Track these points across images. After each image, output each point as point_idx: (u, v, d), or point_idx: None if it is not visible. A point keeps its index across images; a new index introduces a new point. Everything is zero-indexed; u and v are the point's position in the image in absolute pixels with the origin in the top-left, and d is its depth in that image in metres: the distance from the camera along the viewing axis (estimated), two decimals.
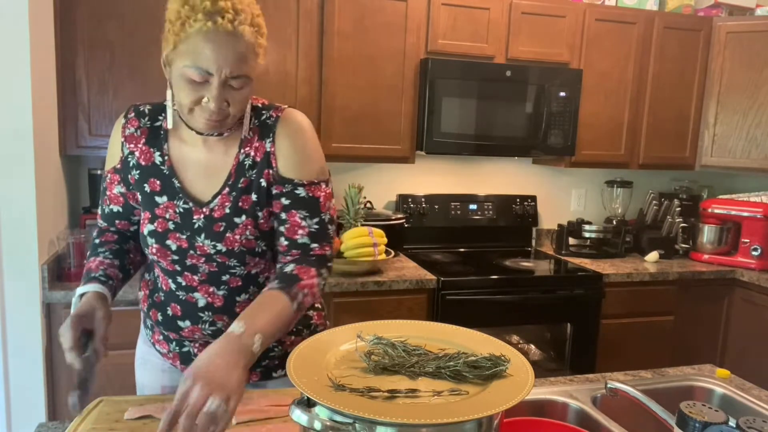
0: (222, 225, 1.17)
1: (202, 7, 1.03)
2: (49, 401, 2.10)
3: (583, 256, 3.07)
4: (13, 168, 1.96)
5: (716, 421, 0.86)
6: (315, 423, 0.73)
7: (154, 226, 1.19)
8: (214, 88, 1.06)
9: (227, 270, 1.20)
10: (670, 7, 3.12)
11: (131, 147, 1.22)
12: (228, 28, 1.03)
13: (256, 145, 1.19)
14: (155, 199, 1.19)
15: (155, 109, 1.25)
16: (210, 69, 1.04)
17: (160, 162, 1.20)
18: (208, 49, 1.03)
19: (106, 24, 2.26)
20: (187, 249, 1.18)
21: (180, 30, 1.05)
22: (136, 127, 1.23)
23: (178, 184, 1.19)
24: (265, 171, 1.18)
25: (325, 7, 2.49)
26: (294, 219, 1.18)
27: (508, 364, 0.87)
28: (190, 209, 1.18)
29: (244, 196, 1.18)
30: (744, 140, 3.02)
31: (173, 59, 1.09)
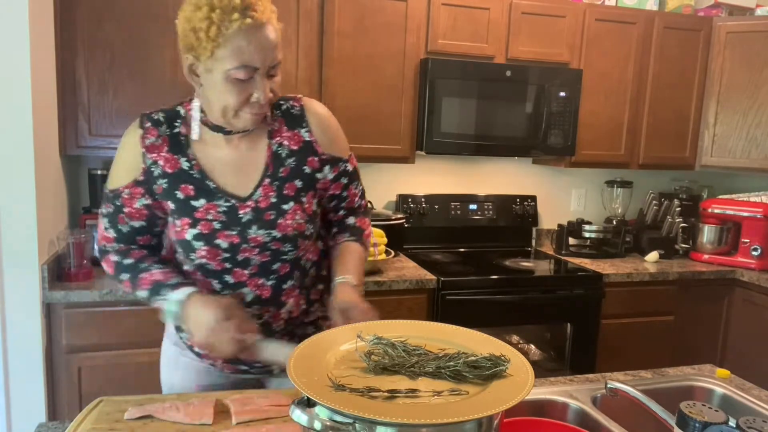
0: (272, 213, 1.21)
1: (232, 7, 1.06)
2: (49, 401, 2.10)
3: (583, 256, 3.07)
4: (13, 168, 1.96)
5: (716, 421, 0.86)
6: (315, 423, 0.74)
7: (198, 229, 1.20)
8: (260, 81, 1.11)
9: (279, 257, 1.24)
10: (670, 7, 3.12)
11: (153, 156, 1.21)
12: (262, 19, 1.08)
13: (288, 135, 1.25)
14: (192, 203, 1.20)
15: (169, 116, 1.24)
16: (255, 64, 1.08)
17: (188, 167, 1.21)
18: (252, 44, 1.07)
19: (106, 24, 2.26)
20: (240, 243, 1.20)
21: (217, 35, 1.06)
22: (156, 136, 1.22)
23: (213, 185, 1.21)
24: (309, 158, 1.25)
25: (325, 7, 2.49)
26: (352, 192, 1.36)
27: (508, 364, 0.87)
28: (233, 206, 1.21)
29: (287, 184, 1.23)
30: (744, 140, 3.02)
31: (211, 67, 1.09)
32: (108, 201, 1.25)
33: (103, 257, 1.28)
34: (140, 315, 2.15)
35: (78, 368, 2.12)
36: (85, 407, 1.11)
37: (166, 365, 1.40)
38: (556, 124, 2.80)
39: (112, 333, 2.13)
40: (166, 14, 2.31)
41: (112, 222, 1.25)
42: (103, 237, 1.28)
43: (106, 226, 1.26)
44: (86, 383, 2.13)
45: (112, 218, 1.25)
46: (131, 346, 2.17)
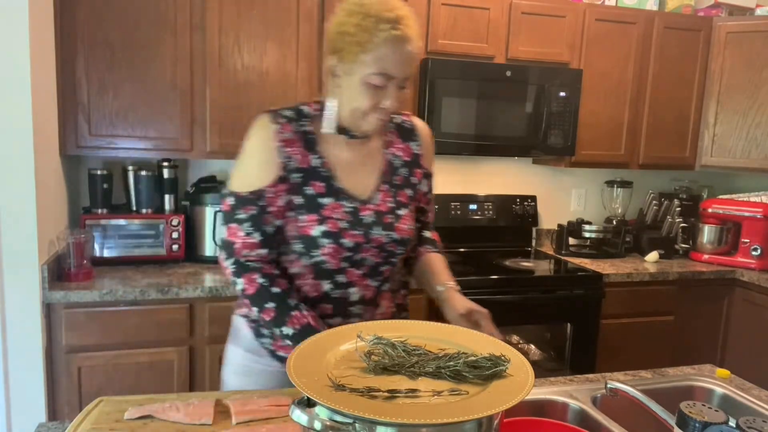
0: (390, 217, 1.29)
1: (385, 18, 1.14)
2: (49, 401, 2.10)
3: (583, 256, 3.07)
4: (13, 168, 1.96)
5: (716, 421, 0.86)
6: (315, 423, 0.73)
7: (326, 227, 1.22)
8: (393, 90, 1.19)
9: (389, 259, 1.30)
10: (670, 7, 3.12)
11: (288, 151, 1.23)
12: (409, 33, 1.16)
13: (401, 147, 1.36)
14: (319, 201, 1.23)
15: (296, 114, 1.28)
16: (393, 73, 1.16)
17: (318, 164, 1.25)
18: (397, 54, 1.15)
19: (106, 24, 2.26)
20: (363, 243, 1.25)
21: (366, 41, 1.14)
22: (291, 131, 1.24)
23: (339, 185, 1.26)
24: (416, 170, 1.36)
25: (325, 7, 2.49)
26: (431, 206, 1.46)
27: (508, 364, 0.87)
28: (356, 207, 1.26)
29: (401, 191, 1.32)
30: (744, 140, 3.02)
31: (353, 69, 1.17)
32: (248, 203, 1.21)
33: (243, 273, 1.22)
34: (140, 315, 2.15)
35: (78, 368, 2.12)
36: (85, 407, 1.11)
37: (235, 373, 1.37)
38: (556, 124, 2.80)
39: (112, 333, 2.14)
40: (166, 14, 2.31)
41: (256, 225, 1.22)
42: (245, 244, 1.22)
43: (249, 231, 1.22)
44: (86, 383, 2.13)
45: (257, 221, 1.21)
46: (131, 346, 2.17)
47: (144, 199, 2.48)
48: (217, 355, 2.26)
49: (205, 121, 2.42)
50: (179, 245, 2.48)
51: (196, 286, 2.20)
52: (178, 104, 2.37)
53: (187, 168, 2.77)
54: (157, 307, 2.17)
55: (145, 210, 2.49)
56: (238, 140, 2.50)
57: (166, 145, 2.39)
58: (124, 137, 2.34)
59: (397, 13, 1.15)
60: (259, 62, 2.44)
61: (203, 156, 2.46)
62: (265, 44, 2.44)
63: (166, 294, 2.16)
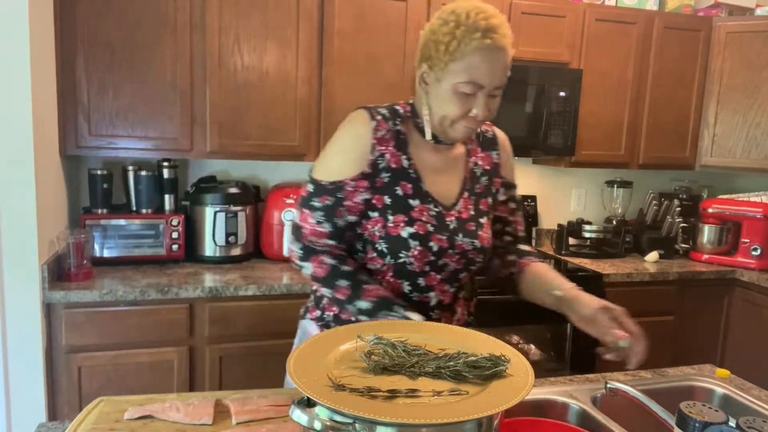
0: (473, 225, 1.29)
1: (476, 26, 1.13)
2: (49, 401, 2.10)
3: (583, 256, 3.07)
4: (13, 168, 1.96)
5: (716, 421, 0.86)
6: (315, 423, 0.73)
7: (414, 228, 1.22)
8: (482, 99, 1.18)
9: (468, 266, 1.30)
10: (670, 7, 3.12)
11: (382, 149, 1.23)
12: (501, 42, 1.15)
13: (482, 156, 1.36)
14: (409, 202, 1.24)
15: (391, 113, 1.27)
16: (483, 82, 1.15)
17: (407, 165, 1.25)
18: (485, 63, 1.14)
19: (106, 24, 2.26)
20: (447, 248, 1.25)
21: (456, 50, 1.14)
22: (386, 129, 1.24)
23: (426, 189, 1.26)
24: (496, 179, 1.37)
25: (325, 7, 2.49)
26: (517, 218, 1.44)
27: (508, 364, 0.87)
28: (441, 212, 1.26)
29: (482, 200, 1.33)
30: (744, 140, 3.02)
31: (442, 77, 1.18)
32: (325, 193, 1.22)
33: (311, 256, 1.25)
34: (140, 315, 2.15)
35: (78, 368, 2.12)
36: (85, 407, 1.11)
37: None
38: (556, 124, 2.80)
39: (112, 333, 2.13)
40: (166, 14, 2.31)
41: (328, 215, 1.23)
42: (313, 232, 1.24)
43: (320, 219, 1.23)
44: (86, 383, 2.13)
45: (329, 211, 1.22)
46: (131, 346, 2.17)
47: (144, 199, 2.48)
48: (217, 355, 2.26)
49: (205, 121, 2.42)
50: (179, 245, 2.48)
51: (196, 286, 2.20)
52: (178, 104, 2.38)
53: (187, 168, 2.77)
54: (157, 307, 2.17)
55: (145, 210, 2.49)
56: (238, 140, 2.52)
57: (166, 145, 2.39)
58: (124, 137, 2.34)
59: (490, 22, 1.14)
60: (259, 62, 2.44)
61: (203, 156, 2.46)
62: (265, 44, 2.44)
63: (166, 294, 2.16)
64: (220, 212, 2.50)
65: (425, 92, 1.23)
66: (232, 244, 2.54)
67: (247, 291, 2.24)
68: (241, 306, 2.26)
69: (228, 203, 2.52)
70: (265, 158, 2.55)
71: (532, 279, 1.36)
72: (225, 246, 2.53)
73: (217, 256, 2.54)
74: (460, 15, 1.15)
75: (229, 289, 2.22)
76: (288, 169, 2.89)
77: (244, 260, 2.61)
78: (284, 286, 2.28)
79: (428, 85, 1.22)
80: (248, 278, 2.33)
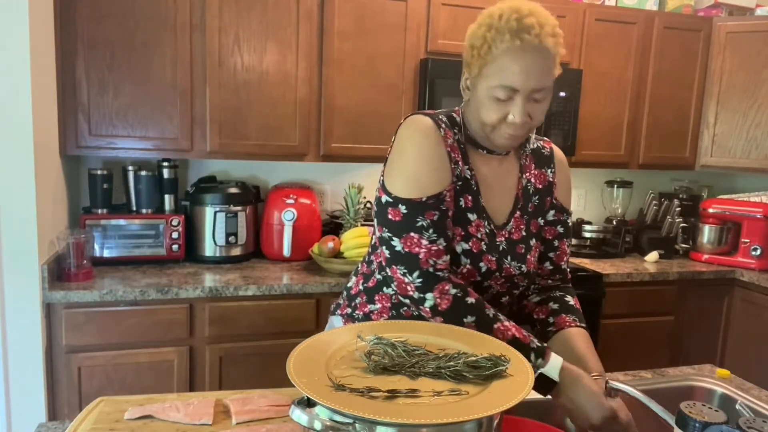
0: (522, 247, 1.22)
1: (507, 28, 1.07)
2: (49, 401, 2.10)
3: (583, 256, 3.07)
4: (13, 168, 1.96)
5: (716, 421, 0.86)
6: (315, 423, 0.73)
7: (468, 245, 1.15)
8: (519, 103, 1.09)
9: (511, 290, 1.24)
10: (670, 7, 3.12)
11: (454, 157, 1.17)
12: (534, 42, 1.07)
13: (536, 173, 1.27)
14: (468, 215, 1.17)
15: (451, 121, 1.21)
16: (516, 85, 1.08)
17: (469, 176, 1.18)
18: (516, 65, 1.07)
19: (106, 24, 2.26)
20: (495, 271, 1.18)
21: (486, 53, 1.09)
22: (452, 137, 1.18)
23: (482, 203, 1.19)
24: (548, 198, 1.28)
25: (325, 7, 2.49)
26: (563, 247, 1.31)
27: (508, 364, 0.87)
28: (493, 231, 1.20)
29: (533, 220, 1.25)
30: (744, 140, 3.02)
31: (478, 82, 1.13)
32: (429, 209, 1.12)
33: (433, 285, 1.11)
34: (140, 315, 2.15)
35: (78, 368, 2.12)
36: (85, 407, 1.11)
37: None
38: (556, 124, 2.80)
39: (112, 333, 2.14)
40: (166, 14, 2.31)
41: (439, 231, 1.12)
42: (431, 253, 1.11)
43: (433, 238, 1.11)
44: (86, 383, 2.13)
45: (439, 226, 1.12)
46: (131, 346, 2.17)
47: (144, 199, 2.48)
48: (217, 355, 2.26)
49: (205, 121, 2.42)
50: (179, 245, 2.48)
51: (196, 286, 2.20)
52: (178, 104, 2.38)
53: (187, 168, 2.77)
54: (157, 307, 2.17)
55: (145, 210, 2.49)
56: (238, 140, 2.52)
57: (166, 145, 2.39)
58: (124, 137, 2.34)
59: (525, 22, 1.07)
60: (259, 62, 2.44)
61: (203, 156, 2.46)
62: (265, 44, 2.44)
63: (166, 294, 2.16)
64: (220, 212, 2.51)
65: (467, 98, 1.19)
66: (232, 244, 2.54)
67: (247, 291, 2.24)
68: (241, 306, 2.26)
69: (228, 203, 2.52)
70: (265, 158, 2.55)
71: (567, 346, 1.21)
72: (225, 246, 2.53)
73: (217, 256, 2.54)
74: (493, 17, 1.10)
75: (229, 289, 2.22)
76: (288, 169, 2.89)
77: (244, 260, 2.61)
78: (284, 286, 2.28)
79: (469, 91, 1.17)
80: (248, 278, 2.33)
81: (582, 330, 1.24)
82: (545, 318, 1.28)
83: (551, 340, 1.26)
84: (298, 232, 2.61)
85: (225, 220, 2.51)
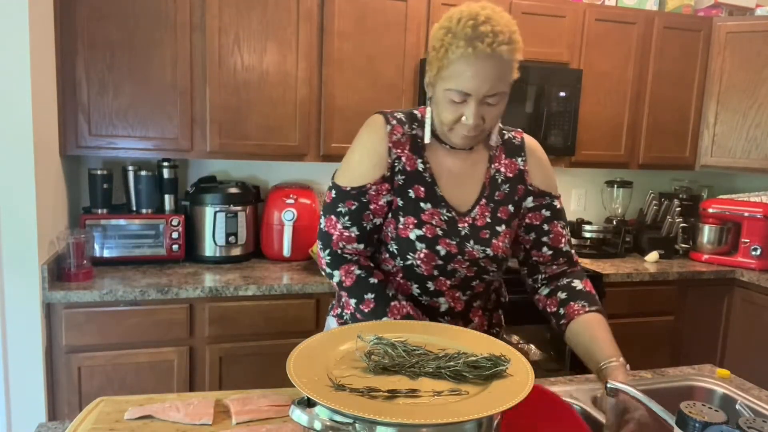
0: (487, 233, 1.26)
1: (463, 34, 1.11)
2: (49, 401, 2.10)
3: (583, 256, 3.06)
4: (13, 168, 1.96)
5: (716, 421, 0.86)
6: (315, 423, 0.73)
7: (422, 231, 1.22)
8: (472, 106, 1.15)
9: (481, 275, 1.28)
10: (670, 7, 3.12)
11: (398, 152, 1.25)
12: (486, 51, 1.10)
13: (506, 162, 1.32)
14: (420, 205, 1.24)
15: (407, 118, 1.29)
16: (468, 90, 1.13)
17: (422, 169, 1.26)
18: (469, 72, 1.11)
19: (106, 24, 2.26)
20: (456, 254, 1.23)
21: (443, 56, 1.14)
22: (401, 133, 1.26)
23: (440, 193, 1.26)
24: (519, 186, 1.31)
25: (325, 7, 2.49)
26: (557, 229, 1.33)
27: (508, 364, 0.87)
28: (453, 218, 1.25)
29: (501, 207, 1.29)
30: (744, 140, 3.02)
31: (436, 82, 1.18)
32: (350, 198, 1.24)
33: (341, 264, 1.25)
34: (140, 315, 2.15)
35: (78, 368, 2.12)
36: (85, 407, 1.11)
37: None
38: (556, 124, 2.80)
39: (112, 333, 2.13)
40: (166, 14, 2.31)
41: (354, 220, 1.24)
42: (342, 237, 1.24)
43: (347, 224, 1.24)
44: (86, 383, 2.13)
45: (356, 216, 1.24)
46: (131, 346, 2.17)
47: (144, 199, 2.48)
48: (217, 354, 2.26)
49: (205, 121, 2.42)
50: (179, 245, 2.48)
51: (196, 286, 2.20)
52: (178, 104, 2.38)
53: (187, 168, 2.77)
54: (157, 307, 2.17)
55: (145, 210, 2.49)
56: (238, 140, 2.52)
57: (166, 145, 2.39)
58: (124, 137, 2.34)
59: (480, 30, 1.10)
60: (259, 62, 2.44)
61: (203, 156, 2.46)
62: (265, 44, 2.44)
63: (166, 294, 2.16)
64: (220, 212, 2.51)
65: (430, 96, 1.24)
66: (232, 244, 2.54)
67: (247, 291, 2.24)
68: (241, 306, 2.26)
69: (228, 203, 2.52)
70: (265, 158, 2.55)
71: (579, 336, 1.23)
72: (225, 246, 2.53)
73: (217, 256, 2.54)
74: (452, 20, 1.14)
75: (229, 289, 2.22)
76: (288, 169, 2.89)
77: (244, 260, 2.61)
78: (284, 286, 2.28)
79: (430, 89, 1.22)
80: (248, 278, 2.33)
81: (593, 315, 1.25)
82: (556, 311, 1.31)
83: (567, 335, 1.27)
84: (298, 232, 2.61)
85: (225, 220, 2.51)
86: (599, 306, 1.28)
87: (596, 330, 1.21)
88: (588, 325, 1.23)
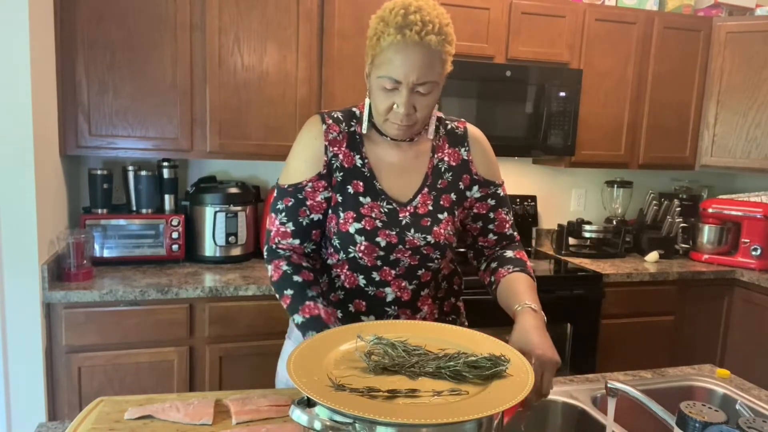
0: (428, 220, 1.29)
1: (394, 23, 1.15)
2: (49, 401, 2.10)
3: (583, 256, 3.07)
4: (13, 168, 1.96)
5: (716, 421, 0.86)
6: (315, 423, 0.73)
7: (361, 224, 1.25)
8: (403, 94, 1.18)
9: (426, 263, 1.29)
10: (670, 7, 3.12)
11: (335, 150, 1.28)
12: (415, 39, 1.14)
13: (449, 152, 1.34)
14: (359, 199, 1.27)
15: (345, 116, 1.32)
16: (398, 77, 1.16)
17: (360, 165, 1.29)
18: (398, 59, 1.15)
19: (106, 24, 2.26)
20: (397, 244, 1.26)
21: (376, 44, 1.18)
22: (338, 132, 1.29)
23: (379, 186, 1.28)
24: (464, 175, 1.34)
25: (325, 7, 2.49)
26: (501, 216, 1.38)
27: (508, 364, 0.87)
28: (394, 209, 1.28)
29: (444, 195, 1.31)
30: (744, 140, 3.02)
31: (370, 71, 1.23)
32: (287, 195, 1.28)
33: (274, 259, 1.28)
34: (140, 315, 2.15)
35: (78, 368, 2.12)
36: (85, 407, 1.11)
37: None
38: (556, 124, 2.80)
39: (112, 333, 2.13)
40: (166, 14, 2.31)
41: (291, 215, 1.27)
42: (278, 233, 1.28)
43: (283, 220, 1.28)
44: (86, 383, 2.13)
45: (292, 212, 1.27)
46: (131, 346, 2.17)
47: (144, 199, 2.48)
48: (217, 354, 2.26)
49: (205, 121, 2.42)
50: (179, 245, 2.48)
51: (196, 286, 2.20)
52: (178, 104, 2.38)
53: (187, 168, 2.77)
54: (157, 307, 2.17)
55: (145, 210, 2.49)
56: (238, 140, 2.52)
57: (166, 145, 2.39)
58: (124, 137, 2.34)
59: (410, 18, 1.14)
60: (259, 62, 2.44)
61: (203, 156, 2.46)
62: (265, 44, 2.44)
63: (166, 294, 2.16)
64: (220, 212, 2.51)
65: (368, 87, 1.27)
66: (232, 244, 2.54)
67: (247, 291, 2.24)
68: (241, 306, 2.26)
69: (228, 203, 2.52)
70: (265, 158, 2.55)
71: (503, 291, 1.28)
72: (225, 246, 2.53)
73: (217, 256, 2.54)
74: (386, 9, 1.18)
75: (229, 289, 2.22)
76: None
77: (244, 260, 2.61)
78: None
79: (367, 79, 1.26)
80: (248, 278, 2.33)
81: (516, 274, 1.28)
82: (489, 280, 1.35)
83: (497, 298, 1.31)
84: None
85: (225, 220, 2.51)
86: (526, 269, 1.31)
87: (515, 284, 1.25)
88: (509, 283, 1.27)
